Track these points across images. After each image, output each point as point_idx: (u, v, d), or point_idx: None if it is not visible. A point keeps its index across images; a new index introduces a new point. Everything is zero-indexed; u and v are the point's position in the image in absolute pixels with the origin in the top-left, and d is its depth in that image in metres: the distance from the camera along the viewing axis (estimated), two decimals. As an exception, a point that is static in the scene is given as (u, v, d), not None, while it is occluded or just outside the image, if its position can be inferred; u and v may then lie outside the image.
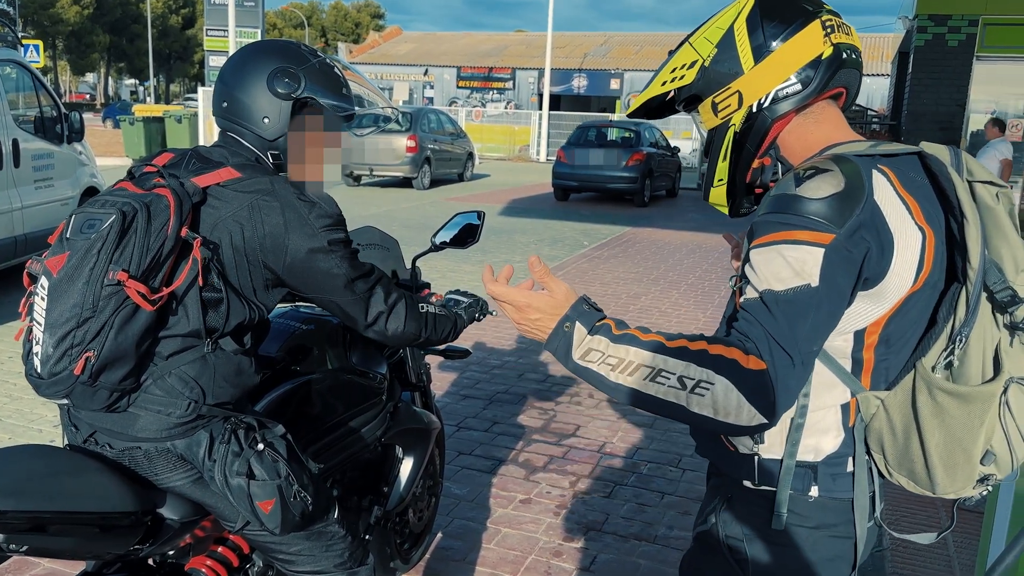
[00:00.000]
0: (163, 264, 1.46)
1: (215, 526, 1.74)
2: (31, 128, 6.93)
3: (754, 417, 1.10)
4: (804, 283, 1.12)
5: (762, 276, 1.14)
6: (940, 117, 11.64)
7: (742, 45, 1.26)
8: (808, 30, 1.23)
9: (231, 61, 1.71)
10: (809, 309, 1.12)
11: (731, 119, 1.29)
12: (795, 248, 1.12)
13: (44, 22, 52.64)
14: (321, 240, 1.59)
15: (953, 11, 11.35)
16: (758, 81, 1.25)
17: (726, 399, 1.10)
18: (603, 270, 8.62)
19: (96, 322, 1.41)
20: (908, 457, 1.21)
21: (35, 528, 1.38)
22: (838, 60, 1.24)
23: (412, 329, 1.78)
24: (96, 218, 1.43)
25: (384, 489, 2.33)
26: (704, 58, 1.29)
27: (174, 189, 1.49)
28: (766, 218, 1.17)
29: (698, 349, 1.13)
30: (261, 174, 1.61)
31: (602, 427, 4.28)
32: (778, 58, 1.24)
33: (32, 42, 18.50)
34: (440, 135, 17.59)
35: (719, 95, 1.29)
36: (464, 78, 40.11)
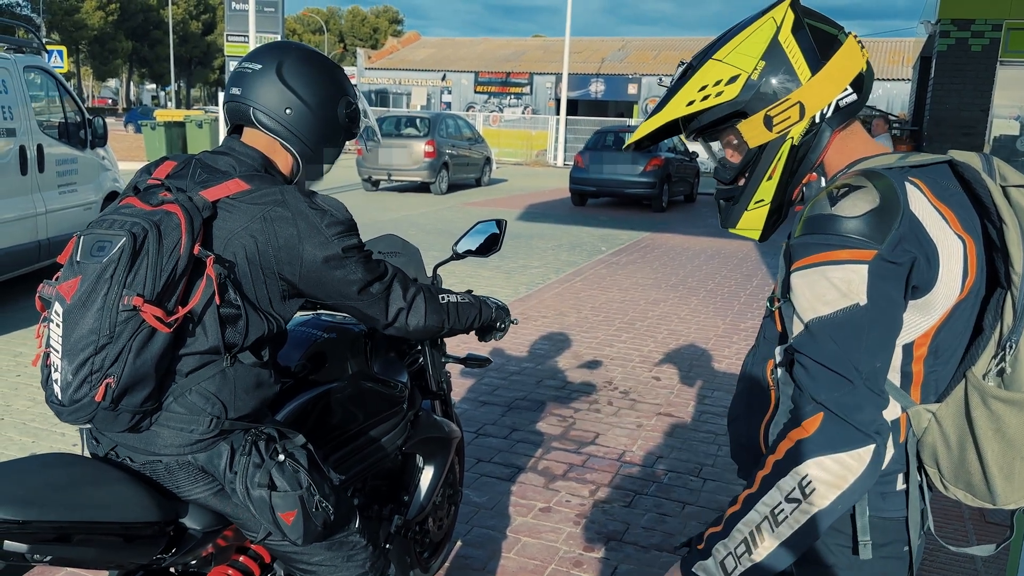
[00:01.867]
0: (177, 284, 1.43)
1: (237, 535, 1.73)
2: (55, 133, 7.00)
3: (860, 456, 1.10)
4: (852, 303, 1.11)
5: (807, 302, 1.14)
6: (963, 122, 11.50)
7: (795, 56, 1.23)
8: (851, 43, 1.25)
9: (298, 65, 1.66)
10: (861, 329, 1.11)
11: (789, 132, 1.25)
12: (838, 268, 1.11)
13: (68, 28, 53.34)
14: (335, 247, 1.58)
15: (976, 15, 11.22)
16: (819, 91, 1.23)
17: (829, 472, 1.10)
18: (621, 276, 8.59)
19: (114, 348, 1.38)
20: (965, 469, 1.20)
21: (59, 538, 1.38)
22: (871, 75, 1.27)
23: (434, 321, 1.77)
24: (106, 240, 1.40)
25: (404, 498, 2.32)
26: (749, 72, 1.24)
27: (184, 206, 1.45)
28: (804, 240, 1.16)
29: (771, 465, 1.15)
30: (269, 184, 1.58)
31: (621, 435, 4.25)
32: (835, 68, 1.23)
33: (56, 47, 18.76)
34: (458, 140, 17.63)
35: (775, 108, 1.24)
36: (482, 83, 40.19)
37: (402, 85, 40.71)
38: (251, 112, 1.65)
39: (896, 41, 37.80)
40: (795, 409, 1.14)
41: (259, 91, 1.65)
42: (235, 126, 1.73)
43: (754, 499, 1.15)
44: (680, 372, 5.35)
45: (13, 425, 4.22)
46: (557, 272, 8.75)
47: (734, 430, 1.41)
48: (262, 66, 1.66)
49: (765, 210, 1.32)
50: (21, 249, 6.35)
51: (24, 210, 6.37)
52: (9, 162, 6.27)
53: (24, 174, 6.41)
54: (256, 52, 1.71)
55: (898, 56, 35.63)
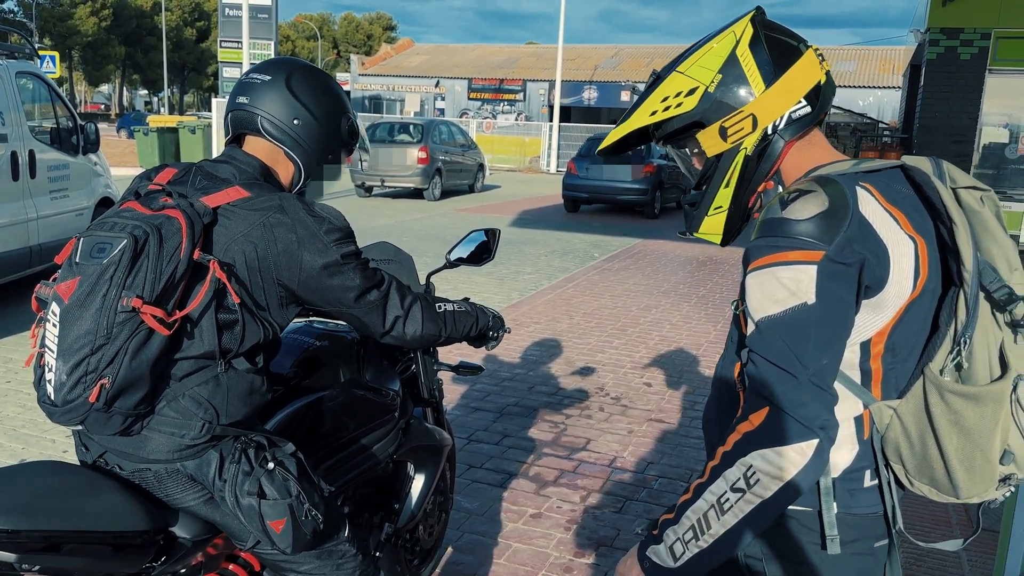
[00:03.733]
0: (176, 287, 1.44)
1: (227, 544, 1.73)
2: (47, 139, 6.99)
3: (802, 450, 1.13)
4: (800, 302, 1.15)
5: (758, 302, 1.18)
6: (952, 130, 11.59)
7: (750, 69, 1.27)
8: (808, 56, 1.29)
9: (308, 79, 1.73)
10: (808, 327, 1.15)
11: (743, 143, 1.29)
12: (787, 269, 1.16)
13: (61, 33, 53.23)
14: (334, 255, 1.59)
15: (966, 24, 11.31)
16: (772, 104, 1.27)
17: (771, 464, 1.13)
18: (613, 282, 8.61)
19: (111, 348, 1.39)
20: (928, 464, 1.22)
21: (48, 547, 1.37)
22: (830, 87, 1.30)
23: (431, 330, 1.79)
24: (106, 242, 1.41)
25: (395, 506, 2.33)
26: (706, 84, 1.29)
27: (185, 211, 1.47)
28: (756, 243, 1.21)
29: (720, 456, 1.19)
30: (269, 192, 1.61)
31: (612, 441, 4.26)
32: (788, 82, 1.27)
33: (49, 53, 18.72)
34: (451, 146, 17.65)
35: (729, 119, 1.29)
36: (475, 90, 40.25)
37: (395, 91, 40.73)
38: (258, 120, 1.68)
39: (886, 49, 38.04)
40: (744, 403, 1.19)
41: (268, 100, 1.68)
42: (236, 136, 1.75)
43: (703, 488, 1.20)
44: (671, 378, 5.37)
45: (3, 432, 4.21)
46: (550, 278, 8.77)
47: (707, 432, 1.45)
48: (271, 77, 1.70)
49: (723, 216, 1.36)
50: (12, 255, 6.34)
51: (15, 216, 6.36)
52: (1, 168, 6.25)
53: (16, 180, 6.40)
54: (264, 64, 1.76)
55: (888, 64, 35.85)
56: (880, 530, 1.29)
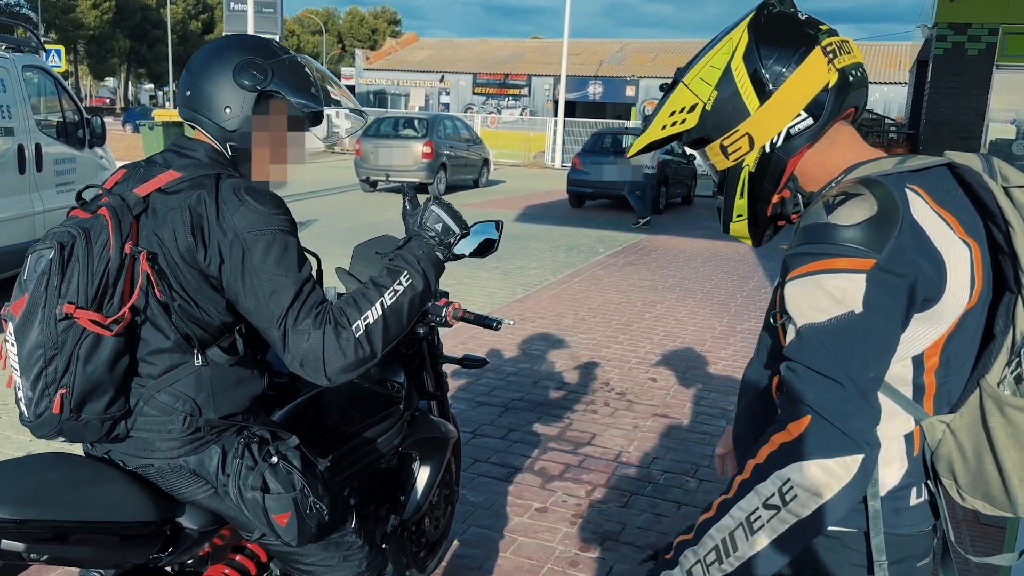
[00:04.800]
0: (114, 285, 1.42)
1: (234, 535, 1.74)
2: (53, 132, 7.00)
3: (847, 464, 1.04)
4: (847, 310, 1.07)
5: (800, 309, 1.10)
6: (959, 126, 11.55)
7: (743, 86, 1.20)
8: (810, 61, 1.18)
9: (201, 52, 1.65)
10: (855, 337, 1.07)
11: (744, 161, 1.25)
12: (834, 276, 1.07)
13: (66, 27, 53.28)
14: (240, 243, 1.45)
15: (973, 20, 11.26)
16: (767, 122, 1.20)
17: (813, 478, 1.04)
18: (618, 277, 8.60)
19: (61, 358, 1.39)
20: (983, 479, 1.15)
21: (56, 537, 1.38)
22: (846, 85, 1.19)
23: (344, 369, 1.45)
24: (43, 254, 1.42)
25: (401, 498, 2.33)
26: (704, 101, 1.24)
27: (111, 206, 1.45)
28: (799, 250, 1.12)
29: (751, 469, 1.09)
30: (203, 171, 1.52)
31: (618, 436, 4.26)
32: (784, 96, 1.19)
33: (54, 47, 18.74)
34: (456, 141, 17.64)
35: (727, 138, 1.24)
36: (480, 84, 40.21)
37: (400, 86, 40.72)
38: (179, 111, 1.65)
39: (893, 45, 37.87)
40: (782, 413, 1.10)
41: (179, 88, 1.67)
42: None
43: (729, 504, 1.10)
44: (676, 373, 5.37)
45: (11, 424, 4.22)
46: (554, 273, 8.76)
47: (738, 448, 1.35)
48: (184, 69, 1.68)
49: (745, 223, 1.32)
50: (18, 248, 6.35)
51: (22, 209, 6.37)
52: (7, 161, 6.27)
53: (22, 173, 6.41)
54: None
55: (895, 60, 35.70)
56: (924, 548, 1.23)
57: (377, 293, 1.50)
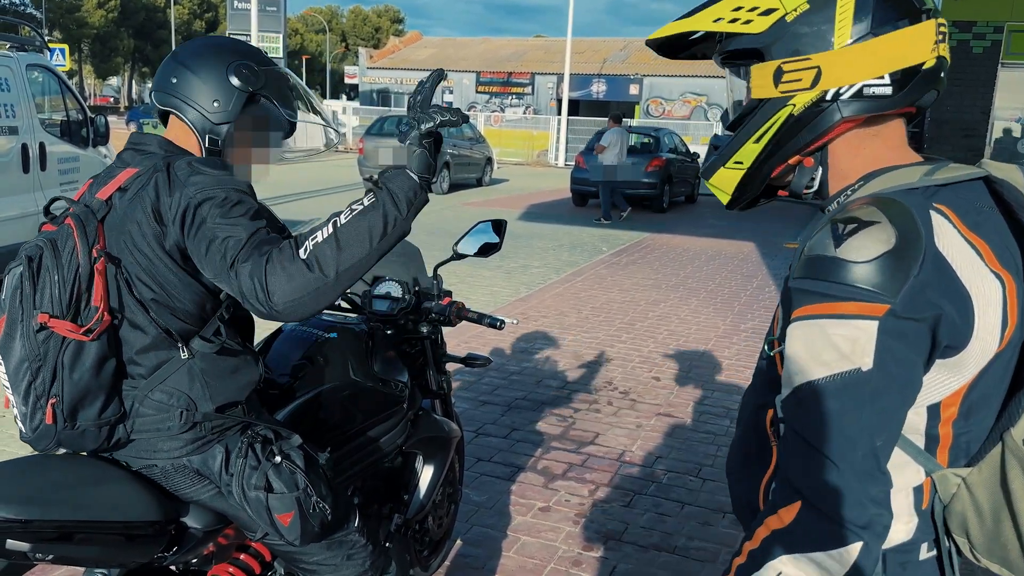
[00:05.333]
0: (88, 290, 1.44)
1: (238, 534, 1.74)
2: (57, 131, 7.02)
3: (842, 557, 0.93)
4: (854, 367, 0.93)
5: (800, 362, 0.97)
6: (964, 124, 11.52)
7: (843, 14, 1.02)
8: (922, 28, 1.02)
9: (193, 44, 1.68)
10: (859, 402, 0.93)
11: (793, 97, 1.05)
12: (841, 324, 0.93)
13: (70, 26, 53.37)
14: (196, 204, 1.43)
15: (978, 18, 11.23)
16: (847, 65, 1.02)
17: (804, 571, 0.95)
18: (621, 276, 8.60)
19: (47, 369, 1.42)
20: (1000, 543, 1.02)
21: (61, 537, 1.39)
22: (936, 76, 1.04)
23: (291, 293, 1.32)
24: (15, 272, 1.44)
25: (405, 497, 2.33)
26: (788, 10, 1.04)
27: (76, 214, 1.47)
28: (803, 284, 0.98)
29: (747, 554, 1.00)
30: (154, 159, 1.53)
31: (621, 435, 4.26)
32: (879, 47, 1.01)
33: (58, 46, 18.75)
34: (459, 140, 17.65)
35: (791, 62, 1.04)
36: (483, 83, 40.19)
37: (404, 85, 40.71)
38: (152, 96, 1.67)
39: (898, 42, 37.68)
40: (775, 491, 0.99)
41: (158, 75, 1.67)
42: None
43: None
44: (680, 373, 5.36)
45: (13, 424, 4.23)
46: (557, 272, 8.75)
47: (732, 483, 1.25)
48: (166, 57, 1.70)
49: (739, 174, 1.13)
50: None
51: (26, 208, 6.39)
52: (11, 160, 6.28)
53: (26, 172, 6.42)
54: None
55: (900, 57, 35.51)
56: None
57: (333, 215, 1.40)
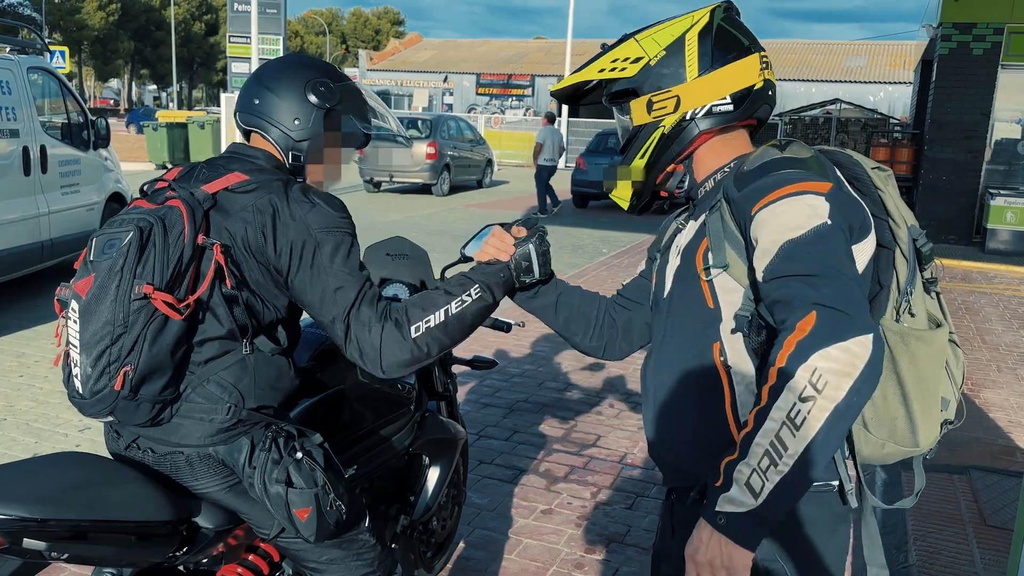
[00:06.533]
0: (185, 273, 1.49)
1: (247, 534, 1.76)
2: (58, 134, 7.03)
3: (863, 343, 1.08)
4: (822, 221, 1.18)
5: (775, 232, 1.18)
6: (964, 126, 11.53)
7: (691, 55, 1.35)
8: (749, 60, 1.35)
9: (273, 64, 1.78)
10: (836, 241, 1.17)
11: (663, 120, 1.37)
12: (804, 196, 1.19)
13: (70, 28, 53.41)
14: (314, 243, 1.57)
15: (978, 19, 11.24)
16: (698, 92, 1.35)
17: (837, 361, 1.07)
18: (623, 277, 8.53)
19: (129, 337, 1.44)
20: (888, 415, 1.25)
21: (76, 536, 1.40)
22: (764, 95, 1.36)
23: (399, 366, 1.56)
24: (116, 237, 1.47)
25: (411, 498, 2.34)
26: (651, 57, 1.37)
27: (184, 199, 1.53)
28: (759, 184, 1.23)
29: (775, 374, 1.11)
30: (267, 176, 1.63)
31: (623, 437, 4.26)
32: (720, 76, 1.34)
33: (58, 48, 18.77)
34: (459, 142, 17.66)
35: (657, 95, 1.37)
36: (483, 85, 40.24)
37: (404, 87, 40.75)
38: (237, 117, 1.75)
39: (898, 44, 37.82)
40: (783, 323, 1.14)
41: (241, 96, 1.77)
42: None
43: (766, 411, 1.10)
44: (681, 374, 5.36)
45: (16, 426, 4.24)
46: (558, 274, 8.75)
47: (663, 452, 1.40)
48: (251, 76, 1.79)
49: (629, 184, 1.45)
50: (24, 250, 6.38)
51: (27, 211, 6.40)
52: (12, 163, 6.29)
53: (27, 175, 6.43)
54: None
55: (900, 59, 35.65)
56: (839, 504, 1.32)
57: (445, 300, 1.60)
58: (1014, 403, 4.94)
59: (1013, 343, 6.36)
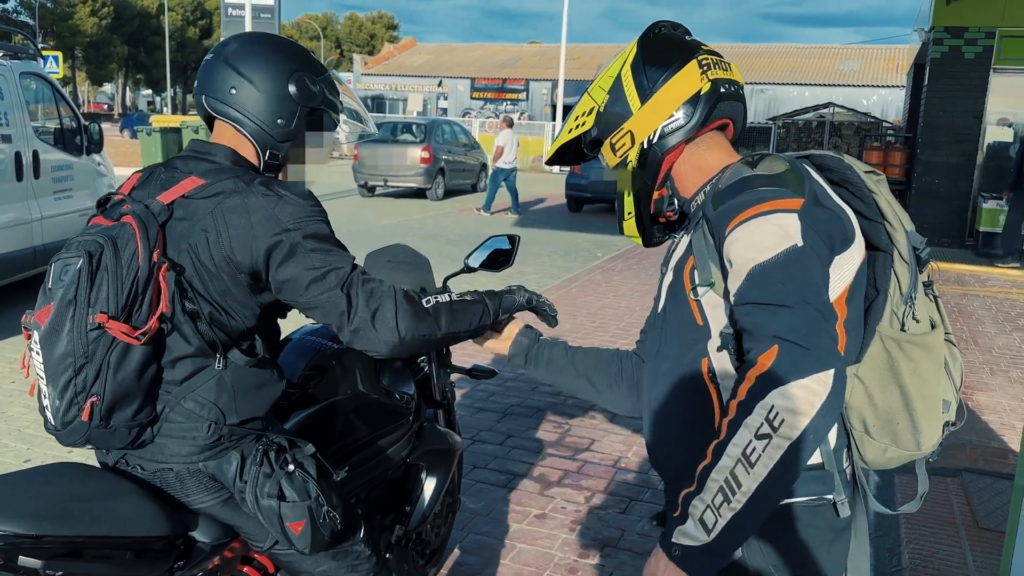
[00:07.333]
0: (143, 293, 1.43)
1: (243, 546, 1.74)
2: (51, 139, 7.00)
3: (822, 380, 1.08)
4: (791, 244, 1.16)
5: (745, 254, 1.19)
6: (956, 129, 11.58)
7: (629, 89, 1.38)
8: (686, 70, 1.35)
9: (247, 48, 1.60)
10: (804, 266, 1.16)
11: (628, 156, 1.40)
12: (773, 216, 1.18)
13: (63, 33, 53.28)
14: (290, 235, 1.48)
15: (970, 23, 11.30)
16: (645, 120, 1.37)
17: (794, 400, 1.08)
18: (616, 282, 8.61)
19: (92, 367, 1.40)
20: (891, 419, 1.26)
21: (72, 553, 1.38)
22: (716, 94, 1.35)
23: (412, 329, 1.52)
24: (69, 263, 1.42)
25: (407, 509, 2.33)
26: (599, 104, 1.42)
27: (137, 214, 1.45)
28: (731, 204, 1.23)
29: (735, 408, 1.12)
30: (226, 176, 1.52)
31: (617, 441, 4.26)
32: (661, 97, 1.35)
33: (52, 53, 18.72)
34: (454, 146, 17.66)
35: (615, 136, 1.40)
36: (478, 89, 40.26)
37: (398, 91, 40.73)
38: (203, 100, 1.60)
39: (891, 48, 37.98)
40: (747, 352, 1.15)
41: (208, 77, 1.60)
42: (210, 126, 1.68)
43: (723, 445, 1.12)
44: (676, 378, 5.36)
45: (8, 432, 4.22)
46: (553, 278, 8.76)
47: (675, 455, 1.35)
48: (212, 55, 1.62)
49: (633, 220, 1.48)
50: (16, 255, 6.35)
51: (19, 216, 6.37)
52: (5, 168, 6.27)
53: (20, 180, 6.41)
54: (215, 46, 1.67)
55: (892, 63, 35.79)
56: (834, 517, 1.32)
57: (447, 291, 1.70)
58: (1006, 405, 4.96)
59: (1006, 346, 6.39)
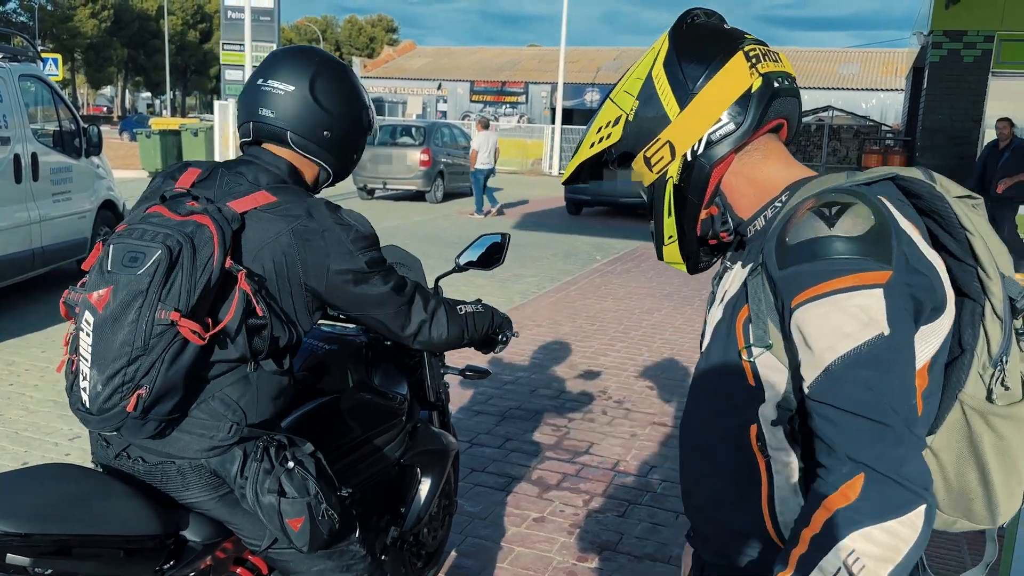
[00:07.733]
0: (210, 296, 1.45)
1: (236, 547, 1.74)
2: (50, 142, 7.01)
3: (912, 522, 0.92)
4: (876, 333, 0.96)
5: (822, 340, 0.98)
6: (955, 133, 11.60)
7: (664, 92, 1.16)
8: (731, 64, 1.14)
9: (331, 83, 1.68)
10: (892, 363, 0.96)
11: (667, 171, 1.19)
12: (853, 295, 0.96)
13: (63, 35, 53.33)
14: (359, 262, 1.61)
15: (969, 27, 11.32)
16: (687, 127, 1.15)
17: (879, 545, 0.92)
18: (616, 285, 8.61)
19: (147, 359, 1.40)
20: (965, 496, 1.11)
21: (60, 551, 1.38)
22: (770, 90, 1.14)
23: (455, 332, 1.82)
24: (139, 251, 1.40)
25: (402, 510, 2.33)
26: (627, 112, 1.20)
27: (214, 218, 1.46)
28: (802, 270, 1.00)
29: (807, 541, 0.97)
30: (296, 196, 1.59)
31: (615, 444, 4.26)
32: (704, 99, 1.14)
33: (51, 56, 18.73)
34: (453, 149, 17.68)
35: (650, 148, 1.19)
36: (477, 92, 40.31)
37: (398, 94, 40.80)
38: (287, 136, 1.65)
39: (890, 52, 38.06)
40: (826, 471, 0.97)
41: (295, 115, 1.64)
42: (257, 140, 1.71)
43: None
44: (674, 382, 5.37)
45: (5, 435, 4.21)
46: (552, 281, 8.76)
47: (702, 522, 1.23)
48: (294, 88, 1.64)
49: (676, 246, 1.27)
50: (15, 258, 6.35)
51: (18, 219, 6.37)
52: (3, 171, 6.27)
53: (19, 183, 6.41)
54: (282, 68, 1.66)
55: (891, 67, 35.86)
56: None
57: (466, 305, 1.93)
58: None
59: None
